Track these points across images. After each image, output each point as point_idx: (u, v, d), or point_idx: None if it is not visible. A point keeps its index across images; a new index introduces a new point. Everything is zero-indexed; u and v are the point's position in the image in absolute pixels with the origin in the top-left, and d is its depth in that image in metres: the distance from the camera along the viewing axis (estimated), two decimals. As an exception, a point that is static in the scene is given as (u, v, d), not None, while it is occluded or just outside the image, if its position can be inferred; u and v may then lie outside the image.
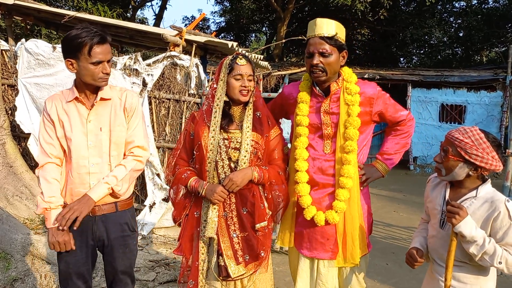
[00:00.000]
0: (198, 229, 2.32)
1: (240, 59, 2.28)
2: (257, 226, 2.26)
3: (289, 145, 2.54)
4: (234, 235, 2.28)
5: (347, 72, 2.34)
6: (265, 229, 2.30)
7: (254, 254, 2.28)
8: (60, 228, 2.13)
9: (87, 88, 2.22)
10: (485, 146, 1.83)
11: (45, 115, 2.26)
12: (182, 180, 2.33)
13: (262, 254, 2.29)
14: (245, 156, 2.25)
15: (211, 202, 2.25)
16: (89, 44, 2.08)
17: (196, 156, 2.34)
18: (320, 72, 2.22)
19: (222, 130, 2.29)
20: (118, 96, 2.31)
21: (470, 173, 1.89)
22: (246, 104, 2.34)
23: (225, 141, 2.28)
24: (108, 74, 2.17)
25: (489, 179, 1.95)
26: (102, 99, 2.25)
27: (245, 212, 2.28)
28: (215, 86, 2.33)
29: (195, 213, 2.34)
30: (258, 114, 2.35)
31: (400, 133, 2.46)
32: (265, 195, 2.33)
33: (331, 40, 2.20)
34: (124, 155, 2.35)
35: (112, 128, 2.27)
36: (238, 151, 2.26)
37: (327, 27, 2.20)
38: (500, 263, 1.80)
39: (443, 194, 2.03)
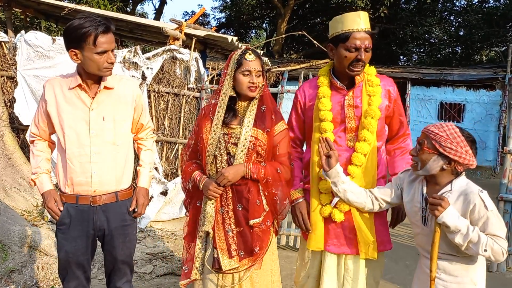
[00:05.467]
0: (199, 217, 2.36)
1: (249, 54, 2.25)
2: (251, 222, 2.27)
3: None
4: (229, 230, 2.29)
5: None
6: (261, 225, 2.29)
7: (248, 249, 2.28)
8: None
9: (90, 77, 2.22)
10: (459, 140, 1.88)
11: (42, 99, 2.28)
12: (188, 172, 2.40)
13: (256, 250, 2.28)
14: (241, 151, 2.24)
15: (207, 197, 2.28)
16: (94, 33, 2.06)
17: (199, 148, 2.36)
18: (361, 67, 2.21)
19: (223, 125, 2.29)
20: (123, 86, 2.34)
21: (444, 166, 1.92)
22: (252, 99, 2.32)
23: (225, 136, 2.28)
24: (112, 63, 2.17)
25: (463, 173, 1.97)
26: (105, 87, 2.25)
27: (240, 209, 2.28)
28: (223, 80, 2.32)
29: (197, 202, 2.39)
30: (263, 108, 2.34)
31: (406, 150, 2.42)
32: (263, 191, 2.33)
33: (373, 35, 2.21)
34: (141, 138, 2.54)
35: (116, 118, 2.28)
36: (236, 146, 2.27)
37: (367, 21, 2.19)
38: (485, 250, 1.82)
39: (421, 191, 2.05)
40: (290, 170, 2.38)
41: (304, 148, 2.56)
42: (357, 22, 2.15)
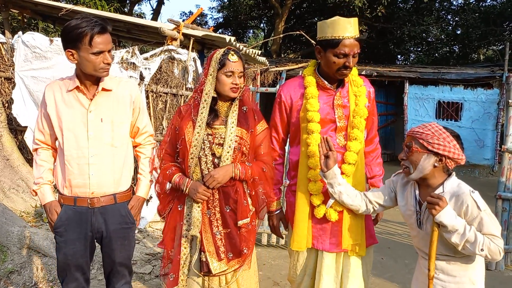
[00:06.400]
0: (181, 223, 2.30)
1: (232, 55, 2.23)
2: (240, 223, 2.25)
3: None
4: (217, 232, 2.26)
5: None
6: (248, 226, 2.29)
7: (237, 250, 2.26)
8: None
9: (88, 78, 2.21)
10: (445, 135, 1.91)
11: (42, 103, 2.28)
12: (166, 176, 2.31)
13: (245, 251, 2.27)
14: (228, 152, 2.22)
15: (194, 201, 2.24)
16: (90, 34, 2.06)
17: (180, 150, 2.31)
18: (348, 71, 2.24)
19: (206, 126, 2.25)
20: (121, 88, 2.32)
21: (436, 164, 1.93)
22: (233, 99, 2.31)
23: (209, 136, 2.25)
24: (109, 64, 2.16)
25: (453, 172, 1.99)
26: (103, 89, 2.24)
27: (228, 210, 2.26)
28: (204, 80, 2.28)
29: (178, 206, 2.33)
30: (245, 109, 2.33)
31: (379, 153, 2.56)
32: (249, 191, 2.32)
33: (362, 42, 2.23)
34: (138, 144, 2.49)
35: (114, 119, 2.27)
36: (221, 147, 2.24)
37: (356, 27, 2.21)
38: (482, 250, 1.84)
39: (414, 194, 2.07)
40: (273, 169, 2.41)
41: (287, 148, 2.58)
42: (348, 30, 2.17)
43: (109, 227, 2.30)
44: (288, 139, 2.54)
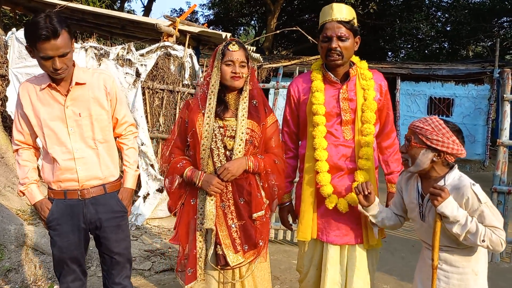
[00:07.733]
0: (195, 216, 2.30)
1: (233, 45, 2.26)
2: (255, 215, 2.27)
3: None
4: (232, 224, 2.27)
5: (356, 59, 2.40)
6: (262, 218, 2.31)
7: (252, 242, 2.28)
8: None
9: None
10: (444, 131, 1.92)
11: (18, 103, 2.24)
12: (177, 169, 2.31)
13: (261, 243, 2.29)
14: (239, 145, 2.24)
15: (208, 193, 2.24)
16: (34, 37, 1.97)
17: (190, 143, 2.32)
18: (337, 56, 2.23)
19: (217, 118, 2.27)
20: (95, 79, 2.28)
21: (434, 159, 1.95)
22: (241, 91, 2.32)
23: (221, 129, 2.26)
24: (58, 69, 2.06)
25: (455, 165, 2.01)
26: (77, 83, 2.20)
27: (242, 202, 2.27)
28: (210, 73, 2.32)
29: (191, 200, 2.33)
30: (255, 102, 2.35)
31: (397, 149, 2.49)
32: (261, 184, 2.34)
33: (348, 24, 2.23)
34: (119, 135, 2.46)
35: (92, 112, 2.25)
36: (233, 140, 2.25)
37: (344, 11, 2.23)
38: (483, 241, 1.86)
39: (416, 187, 2.10)
40: (284, 161, 2.43)
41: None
42: (329, 13, 2.23)
43: (101, 216, 2.29)
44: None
